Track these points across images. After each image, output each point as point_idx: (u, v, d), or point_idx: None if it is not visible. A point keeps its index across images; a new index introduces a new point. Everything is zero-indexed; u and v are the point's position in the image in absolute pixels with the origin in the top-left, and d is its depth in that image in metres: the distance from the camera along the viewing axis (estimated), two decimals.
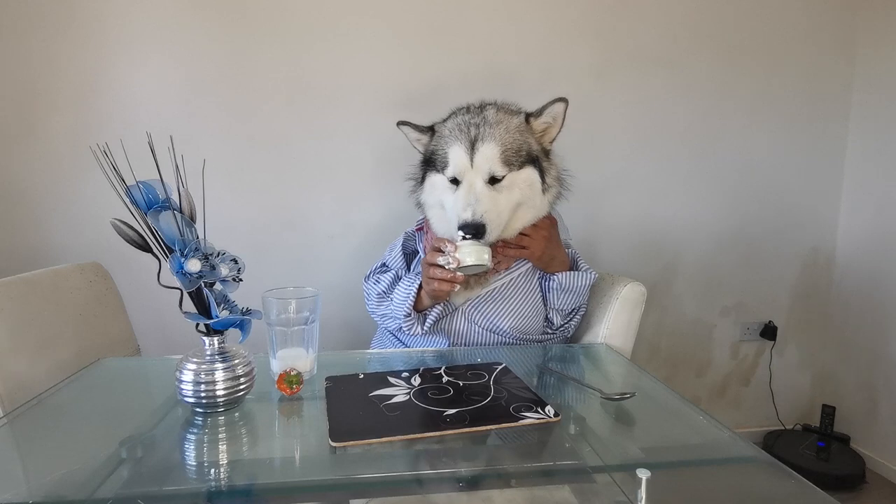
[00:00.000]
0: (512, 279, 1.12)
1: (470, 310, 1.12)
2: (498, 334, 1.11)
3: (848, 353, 1.99)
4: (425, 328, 1.10)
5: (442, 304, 1.11)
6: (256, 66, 1.61)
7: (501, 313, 1.10)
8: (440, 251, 0.98)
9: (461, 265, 0.96)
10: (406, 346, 1.18)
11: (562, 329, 1.16)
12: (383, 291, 1.18)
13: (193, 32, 1.58)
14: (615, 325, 1.12)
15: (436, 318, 1.10)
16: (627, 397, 0.81)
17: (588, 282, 1.10)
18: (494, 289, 1.11)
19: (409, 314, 1.09)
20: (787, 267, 2.00)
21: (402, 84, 1.67)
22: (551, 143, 1.10)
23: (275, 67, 1.62)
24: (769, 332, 2.00)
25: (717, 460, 0.72)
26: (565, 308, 1.14)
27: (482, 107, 1.08)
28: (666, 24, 1.78)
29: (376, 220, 1.73)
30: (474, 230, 0.96)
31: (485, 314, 1.11)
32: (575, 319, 1.17)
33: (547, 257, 1.10)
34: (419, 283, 1.07)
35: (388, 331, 1.22)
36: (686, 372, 2.02)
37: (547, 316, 1.16)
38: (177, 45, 1.58)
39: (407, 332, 1.11)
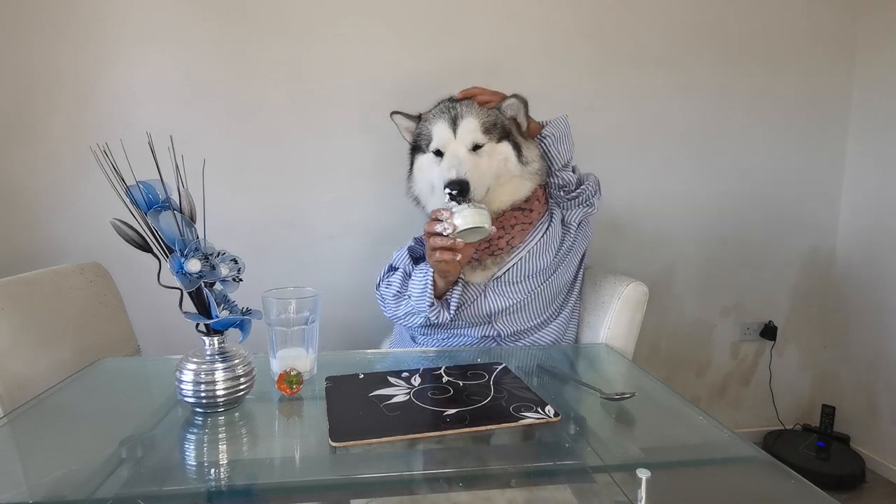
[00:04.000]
0: (529, 251, 1.13)
1: (494, 293, 1.14)
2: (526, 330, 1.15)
3: (848, 353, 1.99)
4: (451, 312, 1.10)
5: (461, 286, 1.11)
6: (256, 66, 1.61)
7: (526, 317, 1.14)
8: (438, 220, 0.99)
9: (458, 230, 0.96)
10: (416, 345, 1.19)
11: (581, 189, 1.17)
12: (398, 292, 1.17)
13: (193, 32, 1.58)
14: (617, 326, 1.12)
15: (458, 299, 1.10)
16: (627, 397, 0.81)
17: (565, 123, 1.15)
18: (513, 264, 1.12)
19: (433, 303, 1.09)
20: (787, 267, 2.00)
21: (402, 84, 1.67)
22: (526, 129, 1.15)
23: (275, 67, 1.62)
24: (769, 332, 2.00)
25: (716, 460, 0.72)
26: (565, 158, 1.15)
27: (462, 99, 1.15)
28: (666, 24, 1.78)
29: (376, 220, 1.73)
30: (459, 186, 0.99)
31: (512, 321, 1.15)
32: (588, 185, 1.19)
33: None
34: (432, 271, 1.07)
35: (411, 329, 1.22)
36: (686, 372, 2.02)
37: (560, 184, 1.17)
38: (177, 45, 1.57)
39: (435, 321, 1.11)
